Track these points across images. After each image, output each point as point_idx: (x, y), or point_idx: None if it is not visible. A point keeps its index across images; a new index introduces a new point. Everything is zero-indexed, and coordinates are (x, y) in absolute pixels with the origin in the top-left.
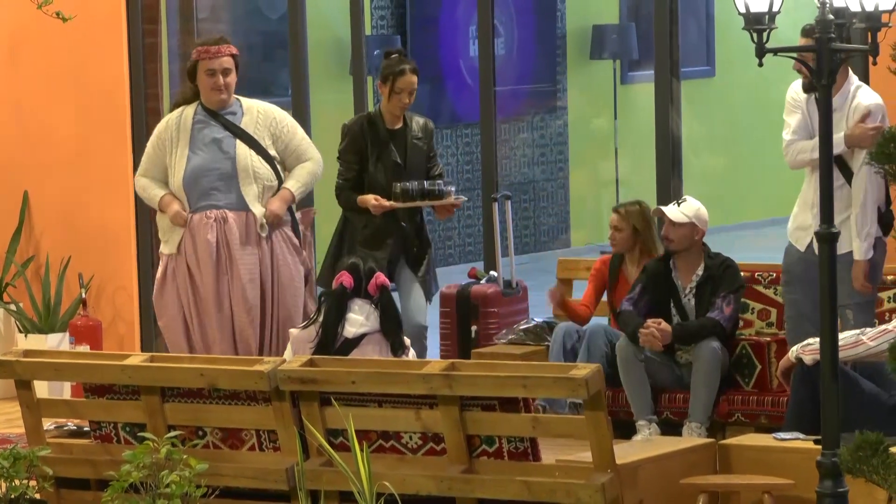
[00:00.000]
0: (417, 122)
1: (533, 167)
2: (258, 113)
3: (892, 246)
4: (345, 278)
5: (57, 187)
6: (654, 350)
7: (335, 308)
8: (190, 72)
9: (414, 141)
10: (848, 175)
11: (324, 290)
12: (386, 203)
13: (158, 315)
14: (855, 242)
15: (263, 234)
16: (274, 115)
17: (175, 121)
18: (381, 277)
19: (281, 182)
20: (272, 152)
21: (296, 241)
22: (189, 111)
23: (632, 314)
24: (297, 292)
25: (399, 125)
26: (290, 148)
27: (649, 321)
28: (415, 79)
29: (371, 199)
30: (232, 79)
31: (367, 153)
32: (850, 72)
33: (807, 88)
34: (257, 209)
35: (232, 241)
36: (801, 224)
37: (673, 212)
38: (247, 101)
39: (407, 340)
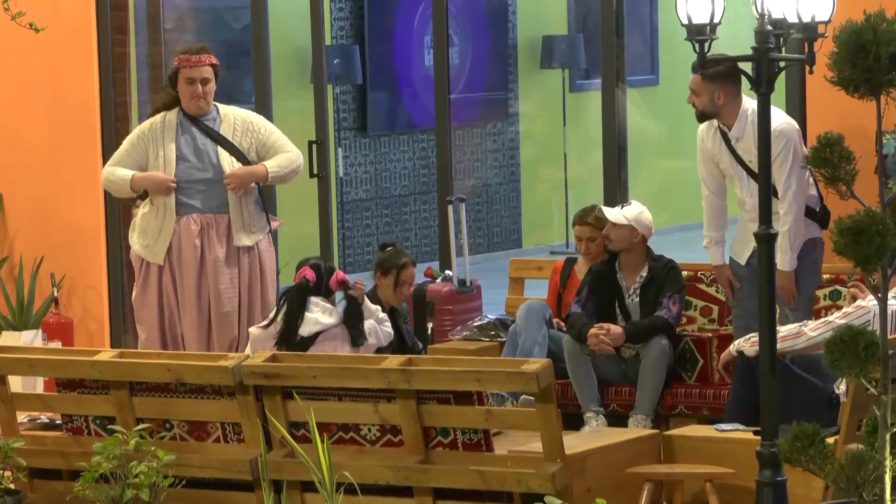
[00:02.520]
0: (398, 310)
1: (486, 171)
2: (235, 119)
3: (828, 245)
4: (307, 273)
5: (30, 190)
6: (605, 354)
7: (297, 300)
8: (171, 78)
9: (406, 327)
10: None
11: (285, 288)
12: None
13: (138, 319)
14: (780, 256)
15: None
16: (250, 119)
17: (159, 124)
18: (340, 274)
19: (260, 188)
20: (251, 157)
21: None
22: (171, 116)
23: (579, 316)
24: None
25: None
26: (268, 145)
27: (594, 329)
28: (414, 270)
29: None
30: (211, 87)
31: None
32: (743, 97)
33: (699, 118)
34: (236, 213)
35: (215, 245)
36: (741, 238)
37: (613, 213)
38: (223, 108)
39: (369, 330)
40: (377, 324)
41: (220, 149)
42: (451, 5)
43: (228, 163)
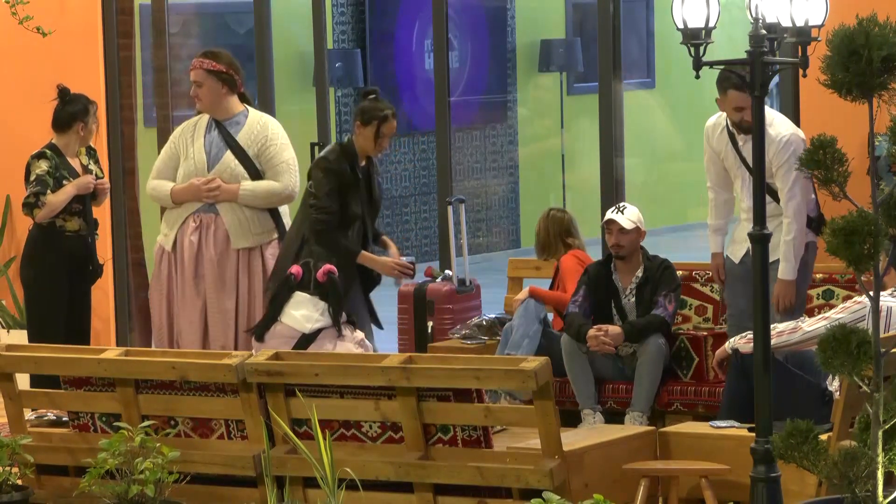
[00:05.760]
0: (373, 160)
1: (485, 173)
2: (258, 126)
3: (821, 246)
4: (294, 269)
5: None
6: (605, 353)
7: (281, 295)
8: None
9: (377, 178)
10: (772, 192)
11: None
12: (409, 274)
13: (151, 310)
14: (783, 265)
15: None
16: (268, 131)
17: (192, 124)
18: (327, 266)
19: None
20: (258, 166)
21: None
22: (205, 117)
23: (577, 316)
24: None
25: (363, 162)
26: (270, 164)
27: (593, 330)
28: (395, 123)
29: (391, 264)
30: (203, 91)
31: (347, 190)
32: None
33: (748, 131)
34: (231, 215)
35: (210, 245)
36: (737, 238)
37: (622, 219)
38: (253, 114)
39: (358, 333)
40: (356, 347)
41: (228, 153)
42: (450, 10)
43: (226, 167)
